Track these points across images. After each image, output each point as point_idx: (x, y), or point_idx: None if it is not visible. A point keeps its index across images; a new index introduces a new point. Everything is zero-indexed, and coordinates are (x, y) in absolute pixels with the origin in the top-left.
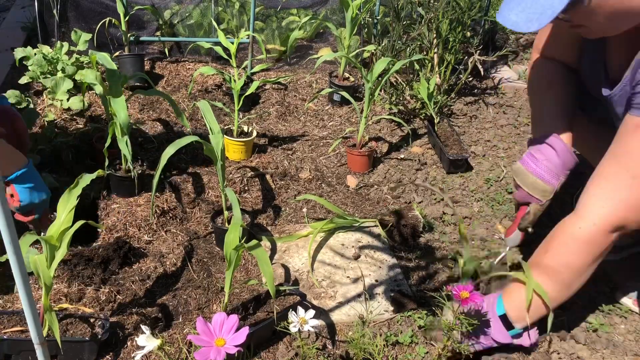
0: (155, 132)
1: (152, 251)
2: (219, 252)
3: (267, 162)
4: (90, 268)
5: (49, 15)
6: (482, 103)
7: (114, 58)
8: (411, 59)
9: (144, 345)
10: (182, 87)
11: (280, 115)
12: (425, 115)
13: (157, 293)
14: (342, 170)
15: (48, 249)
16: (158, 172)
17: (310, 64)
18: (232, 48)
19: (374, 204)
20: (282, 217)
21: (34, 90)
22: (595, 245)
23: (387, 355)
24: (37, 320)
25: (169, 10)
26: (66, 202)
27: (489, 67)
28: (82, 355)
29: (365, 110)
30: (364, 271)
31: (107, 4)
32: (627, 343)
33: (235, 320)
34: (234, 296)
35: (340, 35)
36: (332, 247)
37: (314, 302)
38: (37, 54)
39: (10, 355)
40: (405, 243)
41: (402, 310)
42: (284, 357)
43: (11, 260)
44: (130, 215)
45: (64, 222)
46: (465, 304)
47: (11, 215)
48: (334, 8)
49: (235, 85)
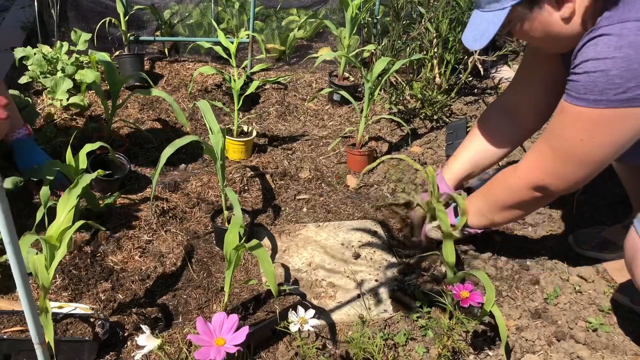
0: (155, 132)
1: (152, 251)
2: (219, 251)
3: (267, 162)
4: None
5: (49, 15)
6: (482, 103)
7: (113, 58)
8: (411, 58)
9: (144, 345)
10: (182, 87)
11: (280, 115)
12: (425, 115)
13: (157, 293)
14: (342, 170)
15: (48, 249)
16: (157, 172)
17: (310, 63)
18: (232, 48)
19: (373, 204)
20: (282, 217)
21: (33, 90)
22: (515, 193)
23: (387, 355)
24: (37, 320)
25: (168, 10)
26: (66, 202)
27: (488, 67)
28: (82, 355)
29: (365, 109)
30: (364, 271)
31: (107, 3)
32: (627, 343)
33: (235, 319)
34: (234, 296)
35: (340, 35)
36: (332, 246)
37: (314, 302)
38: (37, 54)
39: (10, 355)
40: (406, 243)
41: (402, 310)
42: (284, 356)
43: (11, 261)
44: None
45: (64, 222)
46: (465, 304)
47: (11, 215)
48: (333, 8)
49: (235, 85)
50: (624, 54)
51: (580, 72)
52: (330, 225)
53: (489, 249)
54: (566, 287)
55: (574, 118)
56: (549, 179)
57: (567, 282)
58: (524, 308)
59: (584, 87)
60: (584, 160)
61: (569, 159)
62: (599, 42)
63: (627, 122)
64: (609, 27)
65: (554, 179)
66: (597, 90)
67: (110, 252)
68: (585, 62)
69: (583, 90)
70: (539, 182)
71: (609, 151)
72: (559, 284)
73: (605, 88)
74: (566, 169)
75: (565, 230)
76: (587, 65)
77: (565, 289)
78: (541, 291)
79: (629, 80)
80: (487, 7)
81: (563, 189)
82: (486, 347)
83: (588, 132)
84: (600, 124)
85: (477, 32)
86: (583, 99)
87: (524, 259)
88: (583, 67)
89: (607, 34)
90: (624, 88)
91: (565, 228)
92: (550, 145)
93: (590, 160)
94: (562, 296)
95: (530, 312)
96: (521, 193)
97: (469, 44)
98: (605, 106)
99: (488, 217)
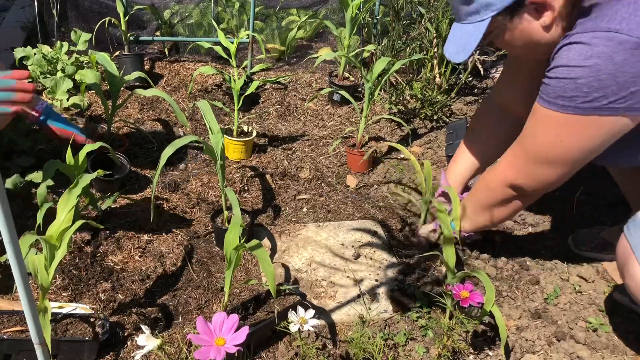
0: (154, 132)
1: (152, 251)
2: (219, 252)
3: (267, 162)
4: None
5: (49, 15)
6: None
7: (113, 58)
8: (411, 58)
9: (144, 345)
10: (182, 87)
11: (280, 115)
12: (425, 115)
13: (157, 293)
14: (342, 170)
15: (48, 248)
16: (157, 172)
17: (310, 63)
18: (232, 48)
19: (373, 204)
20: (282, 217)
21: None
22: (492, 192)
23: (387, 355)
24: (37, 320)
25: (168, 10)
26: (66, 201)
27: (488, 67)
28: (82, 355)
29: (365, 110)
30: (364, 271)
31: (106, 3)
32: (627, 343)
33: (235, 319)
34: (234, 296)
35: (340, 35)
36: (331, 246)
37: (314, 302)
38: (37, 54)
39: (10, 355)
40: (405, 243)
41: (402, 310)
42: (283, 356)
43: (11, 261)
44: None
45: (64, 221)
46: (465, 304)
47: (11, 214)
48: (333, 8)
49: (235, 85)
50: (593, 63)
51: (553, 77)
52: (330, 225)
53: (489, 249)
54: (566, 287)
55: (544, 120)
56: (522, 178)
57: (567, 282)
58: (524, 308)
59: (554, 91)
60: (554, 162)
61: (539, 160)
62: (571, 49)
63: (593, 129)
64: (581, 34)
65: (527, 179)
66: (566, 96)
67: (110, 252)
68: (557, 68)
69: (553, 94)
70: (513, 181)
71: (577, 155)
72: (559, 284)
73: (573, 95)
74: (537, 170)
75: (566, 231)
76: (559, 71)
77: (565, 289)
78: (541, 291)
79: (596, 89)
80: (467, 19)
81: (536, 188)
82: (486, 347)
83: (557, 135)
84: (567, 128)
85: (459, 45)
86: (553, 103)
87: (523, 259)
88: (555, 72)
89: (579, 42)
90: (590, 97)
91: (565, 228)
92: (523, 146)
93: (559, 162)
94: (562, 296)
95: (530, 312)
96: (498, 191)
97: (452, 57)
98: (572, 112)
99: (473, 218)
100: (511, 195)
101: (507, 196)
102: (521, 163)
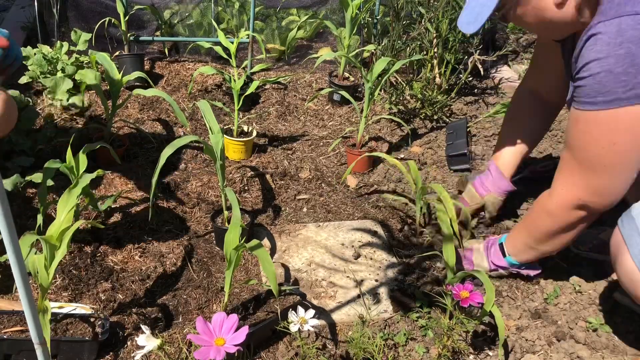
0: (154, 132)
1: (152, 251)
2: (219, 252)
3: (267, 162)
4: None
5: (49, 15)
6: (482, 103)
7: (113, 58)
8: (411, 58)
9: (144, 345)
10: (182, 87)
11: (280, 115)
12: (425, 115)
13: (157, 293)
14: (342, 170)
15: (48, 248)
16: (157, 172)
17: (310, 63)
18: (232, 48)
19: (374, 204)
20: (282, 217)
21: (34, 90)
22: (557, 218)
23: (387, 355)
24: (37, 320)
25: (168, 10)
26: (66, 201)
27: (489, 67)
28: (82, 355)
29: (365, 110)
30: (364, 271)
31: (107, 3)
32: (627, 343)
33: (235, 319)
34: (234, 296)
35: (340, 35)
36: (331, 246)
37: (314, 302)
38: (37, 54)
39: (10, 355)
40: (405, 243)
41: (402, 310)
42: (283, 356)
43: (11, 260)
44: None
45: (64, 221)
46: (465, 304)
47: (11, 214)
48: (333, 8)
49: (235, 85)
50: (626, 49)
51: (586, 76)
52: (330, 225)
53: None
54: (566, 287)
55: (589, 125)
56: (586, 195)
57: (567, 282)
58: (524, 308)
59: (592, 90)
60: (613, 168)
61: (597, 170)
62: (597, 41)
63: None
64: (605, 23)
65: (591, 194)
66: (605, 90)
67: (110, 252)
68: (588, 64)
69: (592, 94)
70: (577, 202)
71: (635, 154)
72: (559, 284)
73: (612, 87)
74: (598, 181)
75: None
76: (591, 67)
77: (565, 289)
78: (541, 291)
79: (635, 75)
80: None
81: (603, 203)
82: (486, 347)
83: (607, 137)
84: (616, 126)
85: (471, 16)
86: (593, 103)
87: None
88: (587, 70)
89: (605, 31)
90: (631, 84)
91: None
92: (576, 159)
93: (618, 167)
94: (562, 296)
95: (530, 312)
96: (563, 217)
97: (463, 28)
98: (617, 106)
99: (538, 249)
100: (579, 216)
101: (574, 218)
102: (580, 179)
